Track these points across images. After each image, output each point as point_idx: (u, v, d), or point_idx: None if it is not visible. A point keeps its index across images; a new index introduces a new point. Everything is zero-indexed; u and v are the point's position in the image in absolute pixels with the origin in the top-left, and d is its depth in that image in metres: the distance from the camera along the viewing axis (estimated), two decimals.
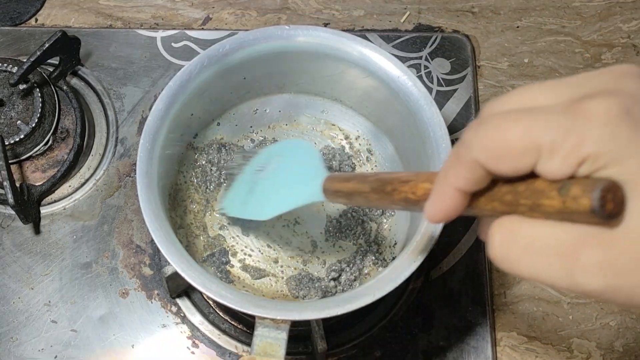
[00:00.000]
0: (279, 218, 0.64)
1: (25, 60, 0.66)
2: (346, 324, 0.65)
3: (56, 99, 0.70)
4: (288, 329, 0.49)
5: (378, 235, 0.63)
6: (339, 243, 0.63)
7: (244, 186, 0.60)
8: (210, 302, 0.66)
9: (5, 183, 0.62)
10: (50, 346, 0.64)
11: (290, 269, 0.62)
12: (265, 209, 0.55)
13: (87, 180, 0.70)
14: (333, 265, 0.61)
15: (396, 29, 0.78)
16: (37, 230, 0.68)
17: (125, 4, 0.78)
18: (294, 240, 0.63)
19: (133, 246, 0.67)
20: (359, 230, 0.63)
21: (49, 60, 0.69)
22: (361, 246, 0.63)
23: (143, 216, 0.51)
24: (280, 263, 0.62)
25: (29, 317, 0.65)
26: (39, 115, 0.67)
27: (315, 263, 0.62)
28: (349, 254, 0.63)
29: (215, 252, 0.61)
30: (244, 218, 0.60)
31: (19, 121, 0.67)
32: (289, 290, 0.61)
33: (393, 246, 0.62)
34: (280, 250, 0.63)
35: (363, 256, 0.62)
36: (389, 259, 0.62)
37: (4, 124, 0.67)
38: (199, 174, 0.64)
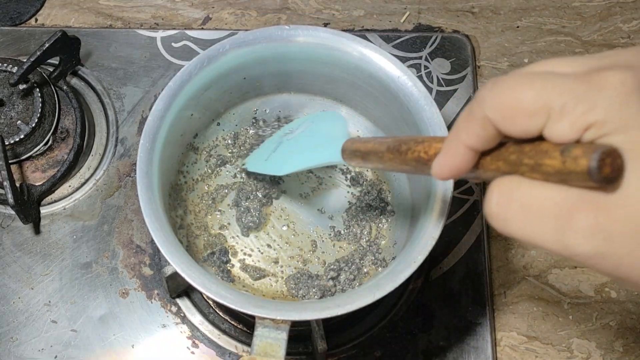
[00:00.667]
0: (279, 218, 0.64)
1: (25, 60, 0.66)
2: (346, 324, 0.65)
3: (56, 99, 0.70)
4: (288, 329, 0.49)
5: (378, 235, 0.63)
6: (339, 243, 0.63)
7: (270, 146, 0.62)
8: (210, 302, 0.66)
9: (5, 183, 0.62)
10: (50, 346, 0.64)
11: (290, 269, 0.62)
12: (284, 165, 0.56)
13: (87, 180, 0.70)
14: (332, 265, 0.61)
15: (396, 29, 0.78)
16: (37, 230, 0.68)
17: (125, 4, 0.78)
18: (294, 240, 0.63)
19: (133, 246, 0.67)
20: (359, 231, 0.63)
21: (49, 60, 0.69)
22: (361, 246, 0.63)
23: (143, 216, 0.51)
24: (280, 263, 0.62)
25: (29, 317, 0.65)
26: (39, 115, 0.67)
27: (315, 263, 0.62)
28: (348, 254, 0.63)
29: (215, 252, 0.61)
30: (262, 173, 0.61)
31: (19, 121, 0.67)
32: (287, 290, 0.61)
33: (393, 246, 0.62)
34: (280, 250, 0.63)
35: (362, 256, 0.62)
36: (389, 259, 0.62)
37: (4, 124, 0.67)
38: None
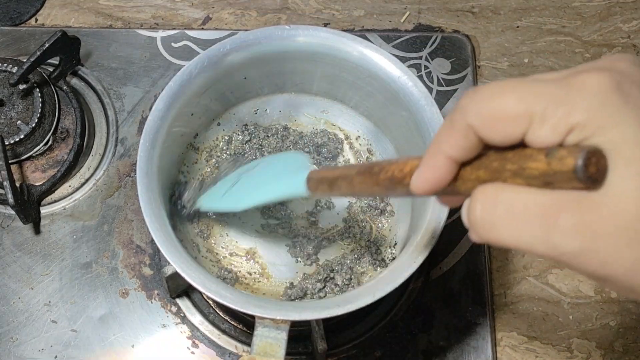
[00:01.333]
0: (279, 219, 0.64)
1: (25, 60, 0.66)
2: (346, 324, 0.65)
3: (56, 99, 0.70)
4: (288, 329, 0.49)
5: (378, 235, 0.63)
6: (339, 244, 0.63)
7: (226, 184, 0.59)
8: (210, 302, 0.66)
9: (5, 183, 0.62)
10: (50, 346, 0.64)
11: (289, 268, 0.62)
12: (242, 200, 0.53)
13: (87, 180, 0.70)
14: (331, 265, 0.61)
15: (396, 29, 0.78)
16: (37, 230, 0.68)
17: (125, 4, 0.78)
18: (294, 240, 0.63)
19: (133, 246, 0.68)
20: (359, 231, 0.63)
21: (49, 60, 0.69)
22: (358, 246, 0.63)
23: (143, 216, 0.51)
24: (279, 263, 0.62)
25: (29, 317, 0.65)
26: (39, 115, 0.67)
27: (313, 263, 0.62)
28: (341, 255, 0.62)
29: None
30: (217, 211, 0.58)
31: (19, 121, 0.67)
32: (284, 290, 0.61)
33: (393, 246, 0.62)
34: (279, 249, 0.63)
35: (360, 256, 0.62)
36: (389, 259, 0.62)
37: (4, 124, 0.67)
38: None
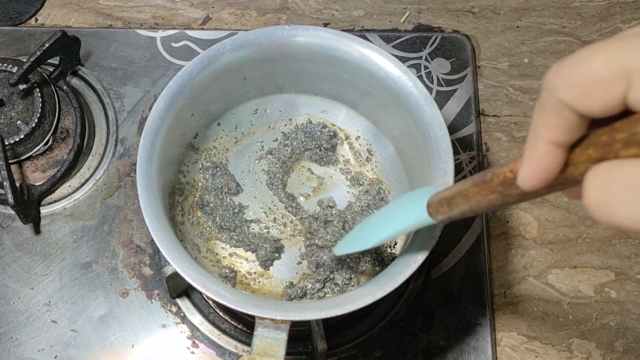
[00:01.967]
0: (281, 217, 0.64)
1: (25, 60, 0.66)
2: (346, 324, 0.65)
3: (56, 99, 0.70)
4: (288, 329, 0.49)
5: None
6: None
7: (356, 229, 0.56)
8: (210, 302, 0.66)
9: (5, 183, 0.62)
10: (50, 346, 0.64)
11: (289, 268, 0.62)
12: (371, 238, 0.51)
13: (87, 180, 0.70)
14: (330, 264, 0.61)
15: (396, 29, 0.78)
16: (37, 230, 0.68)
17: (125, 4, 0.78)
18: (293, 240, 0.63)
19: (133, 246, 0.68)
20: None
21: (49, 60, 0.69)
22: None
23: (143, 216, 0.51)
24: (280, 263, 0.62)
25: (29, 317, 0.65)
26: (39, 115, 0.67)
27: (313, 263, 0.62)
28: (346, 255, 0.62)
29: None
30: (352, 252, 0.56)
31: (19, 121, 0.67)
32: (283, 290, 0.61)
33: (393, 246, 0.62)
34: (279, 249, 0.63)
35: (360, 256, 0.62)
36: (389, 259, 0.62)
37: (4, 124, 0.67)
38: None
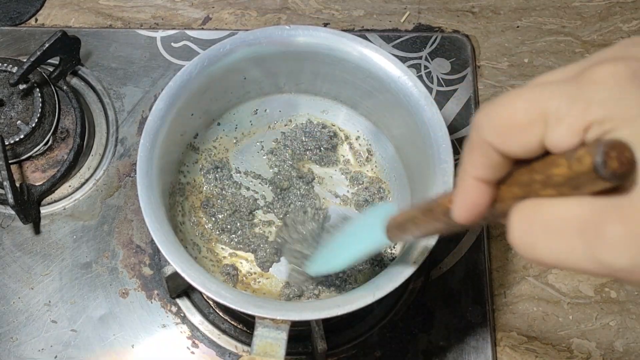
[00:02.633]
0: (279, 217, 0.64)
1: (25, 60, 0.66)
2: (346, 324, 0.65)
3: (56, 99, 0.70)
4: (288, 329, 0.49)
5: None
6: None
7: (324, 248, 0.59)
8: (210, 302, 0.66)
9: (5, 183, 0.62)
10: (50, 346, 0.64)
11: (288, 269, 0.62)
12: (339, 262, 0.53)
13: (87, 180, 0.70)
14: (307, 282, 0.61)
15: (396, 29, 0.78)
16: (37, 230, 0.68)
17: (125, 4, 0.78)
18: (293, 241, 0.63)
19: (133, 246, 0.68)
20: None
21: (49, 60, 0.69)
22: None
23: (143, 216, 0.51)
24: (280, 263, 0.62)
25: (29, 317, 0.65)
26: (39, 115, 0.67)
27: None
28: None
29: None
30: (324, 274, 0.59)
31: (19, 121, 0.67)
32: (281, 289, 0.61)
33: (393, 246, 0.62)
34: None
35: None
36: (389, 259, 0.62)
37: (4, 124, 0.67)
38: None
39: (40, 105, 0.67)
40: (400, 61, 0.58)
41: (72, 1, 0.78)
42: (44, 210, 0.69)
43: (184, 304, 0.65)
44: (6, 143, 0.65)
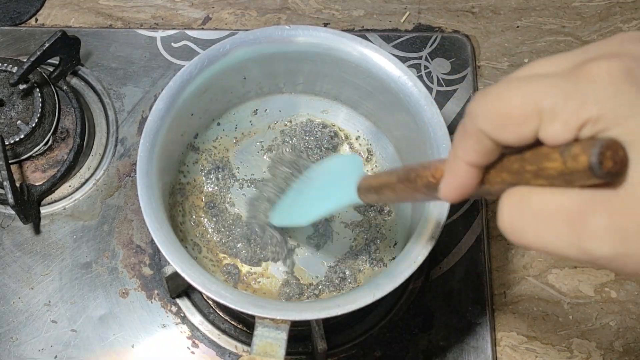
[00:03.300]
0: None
1: (25, 60, 0.66)
2: (346, 324, 0.65)
3: (56, 99, 0.70)
4: (288, 329, 0.49)
5: (377, 234, 0.63)
6: (337, 243, 0.63)
7: (291, 197, 0.60)
8: (210, 302, 0.66)
9: (5, 183, 0.62)
10: (50, 346, 0.64)
11: (287, 267, 0.62)
12: (306, 215, 0.54)
13: (87, 180, 0.70)
14: (329, 263, 0.61)
15: (396, 29, 0.78)
16: (37, 230, 0.68)
17: (125, 4, 0.78)
18: (293, 239, 0.63)
19: (133, 246, 0.68)
20: (358, 229, 0.63)
21: (49, 60, 0.69)
22: (357, 245, 0.63)
23: (143, 216, 0.51)
24: (279, 263, 0.62)
25: (29, 317, 0.65)
26: (39, 115, 0.67)
27: (312, 264, 0.62)
28: (345, 252, 0.62)
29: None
30: (288, 226, 0.60)
31: (19, 121, 0.67)
32: (279, 288, 0.61)
33: (393, 246, 0.62)
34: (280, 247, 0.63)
35: (358, 254, 0.62)
36: (389, 259, 0.62)
37: (4, 124, 0.67)
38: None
39: (40, 105, 0.67)
40: (400, 61, 0.58)
41: (72, 1, 0.78)
42: (44, 210, 0.69)
43: (184, 304, 0.65)
44: (6, 143, 0.65)
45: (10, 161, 0.66)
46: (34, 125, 0.67)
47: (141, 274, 0.67)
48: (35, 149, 0.68)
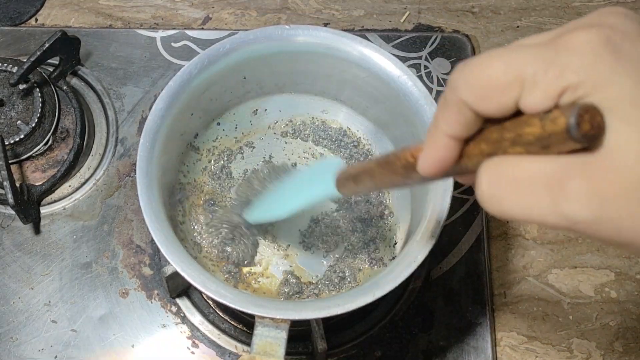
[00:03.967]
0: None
1: (25, 60, 0.66)
2: (346, 323, 0.65)
3: (56, 99, 0.70)
4: (288, 329, 0.49)
5: (377, 234, 0.63)
6: (337, 242, 0.63)
7: (268, 195, 0.60)
8: (210, 302, 0.66)
9: (5, 183, 0.62)
10: (50, 346, 0.64)
11: (285, 268, 0.62)
12: (283, 208, 0.55)
13: (87, 180, 0.70)
14: (328, 262, 0.61)
15: (396, 29, 0.78)
16: (37, 230, 0.68)
17: (125, 4, 0.78)
18: (292, 240, 0.63)
19: (133, 246, 0.68)
20: (357, 229, 0.63)
21: (49, 60, 0.69)
22: (357, 244, 0.63)
23: (143, 216, 0.51)
24: (276, 263, 0.62)
25: (29, 317, 0.65)
26: (39, 115, 0.67)
27: (312, 263, 0.62)
28: (344, 251, 0.62)
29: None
30: (264, 221, 0.60)
31: (19, 121, 0.67)
32: (278, 287, 0.61)
33: (393, 246, 0.62)
34: (280, 248, 0.63)
35: (358, 254, 0.62)
36: (388, 258, 0.62)
37: (4, 124, 0.67)
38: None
39: (40, 105, 0.67)
40: (400, 61, 0.58)
41: (72, 1, 0.78)
42: (44, 210, 0.69)
43: (184, 303, 0.65)
44: (6, 143, 0.65)
45: (10, 161, 0.66)
46: (34, 125, 0.67)
47: (141, 274, 0.67)
48: (35, 149, 0.68)
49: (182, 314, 0.65)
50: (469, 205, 0.69)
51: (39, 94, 0.68)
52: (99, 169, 0.71)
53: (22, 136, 0.66)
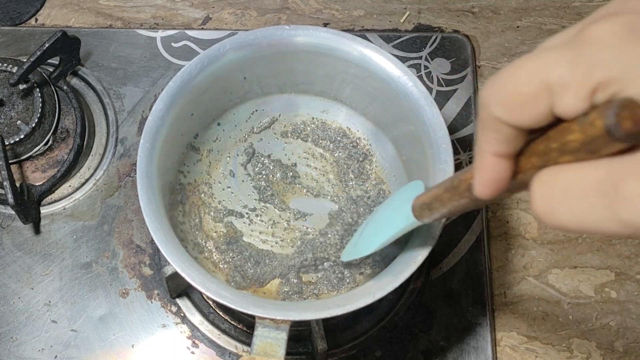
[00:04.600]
0: (281, 212, 0.64)
1: (25, 60, 0.66)
2: (346, 324, 0.65)
3: (56, 99, 0.70)
4: (288, 329, 0.49)
5: None
6: (337, 242, 0.63)
7: (358, 232, 0.59)
8: (210, 302, 0.66)
9: (5, 183, 0.62)
10: (50, 346, 0.64)
11: (286, 267, 0.62)
12: (371, 245, 0.53)
13: (87, 180, 0.70)
14: (328, 262, 0.61)
15: (396, 29, 0.78)
16: (37, 230, 0.68)
17: (125, 4, 0.78)
18: (293, 237, 0.63)
19: (133, 246, 0.68)
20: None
21: (49, 60, 0.69)
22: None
23: (143, 216, 0.51)
24: (277, 262, 0.62)
25: (29, 317, 0.65)
26: (39, 115, 0.67)
27: (311, 263, 0.62)
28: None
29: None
30: (357, 258, 0.58)
31: (19, 121, 0.67)
32: (277, 287, 0.61)
33: (393, 246, 0.62)
34: (280, 247, 0.63)
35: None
36: (389, 259, 0.62)
37: (4, 124, 0.67)
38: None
39: (40, 105, 0.67)
40: (400, 61, 0.58)
41: (72, 1, 0.78)
42: (44, 210, 0.69)
43: (184, 304, 0.65)
44: (6, 143, 0.65)
45: (10, 161, 0.66)
46: (34, 125, 0.67)
47: (141, 274, 0.67)
48: (35, 149, 0.68)
49: (182, 314, 0.65)
50: None
51: (39, 94, 0.68)
52: (99, 169, 0.71)
53: (22, 136, 0.66)
